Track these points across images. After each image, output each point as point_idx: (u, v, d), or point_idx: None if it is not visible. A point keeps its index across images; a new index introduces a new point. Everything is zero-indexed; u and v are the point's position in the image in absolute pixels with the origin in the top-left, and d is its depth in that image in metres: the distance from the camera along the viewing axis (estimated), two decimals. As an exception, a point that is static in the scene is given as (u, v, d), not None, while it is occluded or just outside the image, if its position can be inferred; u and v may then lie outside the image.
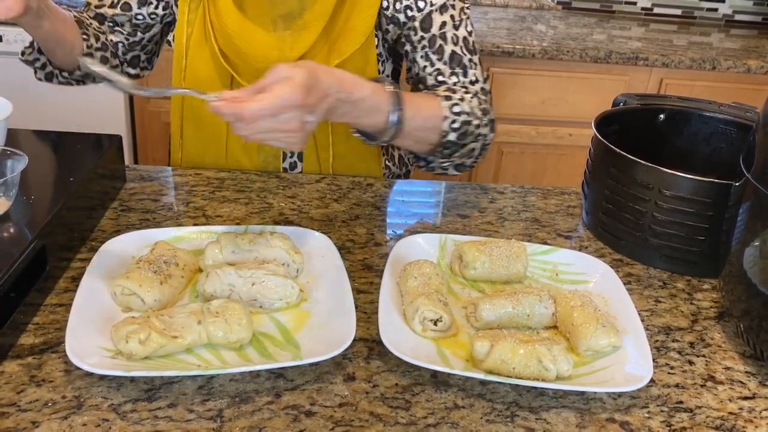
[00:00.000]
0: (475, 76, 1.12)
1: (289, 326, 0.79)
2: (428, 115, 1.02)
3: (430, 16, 1.09)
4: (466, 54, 1.11)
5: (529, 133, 2.38)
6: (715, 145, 1.13)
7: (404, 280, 0.85)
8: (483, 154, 1.12)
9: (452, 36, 1.10)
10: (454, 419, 0.69)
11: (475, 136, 1.07)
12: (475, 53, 1.12)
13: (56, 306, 0.80)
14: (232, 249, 0.87)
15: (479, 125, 1.06)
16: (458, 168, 1.12)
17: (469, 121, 1.04)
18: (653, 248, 0.98)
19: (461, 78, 1.11)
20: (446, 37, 1.10)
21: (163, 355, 0.72)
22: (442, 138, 1.03)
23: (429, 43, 1.10)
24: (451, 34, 1.10)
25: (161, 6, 1.16)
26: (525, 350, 0.73)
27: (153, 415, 0.66)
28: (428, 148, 1.06)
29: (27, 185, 0.89)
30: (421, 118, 1.00)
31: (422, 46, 1.10)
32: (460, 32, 1.10)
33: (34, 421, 0.65)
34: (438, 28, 1.09)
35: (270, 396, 0.70)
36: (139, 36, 1.20)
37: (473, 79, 1.11)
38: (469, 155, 1.09)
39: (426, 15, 1.09)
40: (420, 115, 1.00)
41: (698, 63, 2.30)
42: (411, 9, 1.09)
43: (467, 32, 1.12)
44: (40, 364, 0.71)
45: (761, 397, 0.76)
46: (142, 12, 1.16)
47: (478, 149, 1.10)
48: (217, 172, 1.17)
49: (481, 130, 1.07)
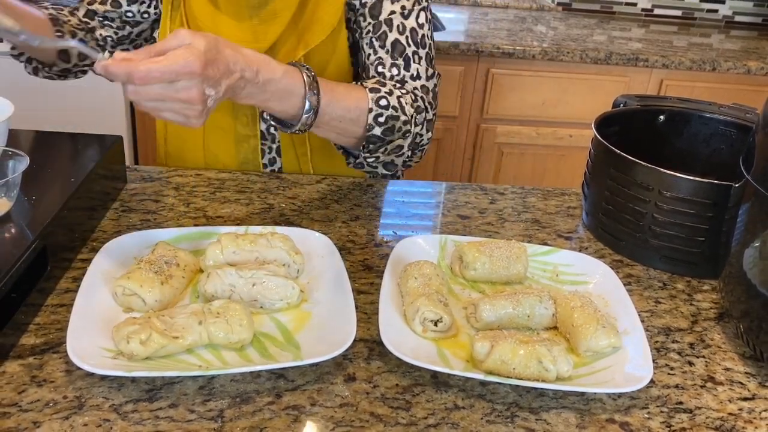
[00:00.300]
0: (418, 72, 1.09)
1: (290, 327, 0.79)
2: (350, 105, 0.99)
3: (380, 3, 1.08)
4: (410, 45, 1.08)
5: (530, 134, 2.38)
6: (715, 146, 1.13)
7: (404, 280, 0.86)
8: (417, 154, 1.10)
9: (399, 24, 1.07)
10: (454, 420, 0.69)
11: (403, 133, 1.04)
12: (423, 47, 1.09)
13: (57, 306, 0.80)
14: (233, 249, 0.87)
15: (407, 122, 1.04)
16: (387, 167, 1.10)
17: (396, 116, 1.02)
18: (653, 249, 0.98)
19: (402, 71, 1.08)
20: (392, 23, 1.07)
21: (164, 356, 0.72)
22: (367, 131, 1.01)
23: (373, 28, 1.08)
24: (398, 22, 1.07)
25: (153, 5, 1.19)
26: (525, 351, 0.73)
27: (154, 416, 0.67)
28: (353, 142, 1.04)
29: (28, 186, 0.89)
30: (341, 107, 0.98)
31: (367, 31, 1.09)
32: (408, 22, 1.08)
33: (35, 421, 0.65)
34: (386, 14, 1.07)
35: (271, 396, 0.70)
36: (128, 30, 1.21)
37: (414, 74, 1.08)
38: (398, 153, 1.07)
39: (376, 1, 1.07)
40: (340, 104, 0.97)
41: (698, 64, 2.30)
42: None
43: (417, 24, 1.08)
44: (42, 365, 0.71)
45: (761, 398, 0.76)
46: (131, 9, 1.18)
47: (407, 147, 1.07)
48: (217, 172, 1.17)
49: (410, 127, 1.04)
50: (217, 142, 1.20)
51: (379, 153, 1.06)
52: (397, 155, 1.06)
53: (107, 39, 1.21)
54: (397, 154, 1.06)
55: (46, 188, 0.91)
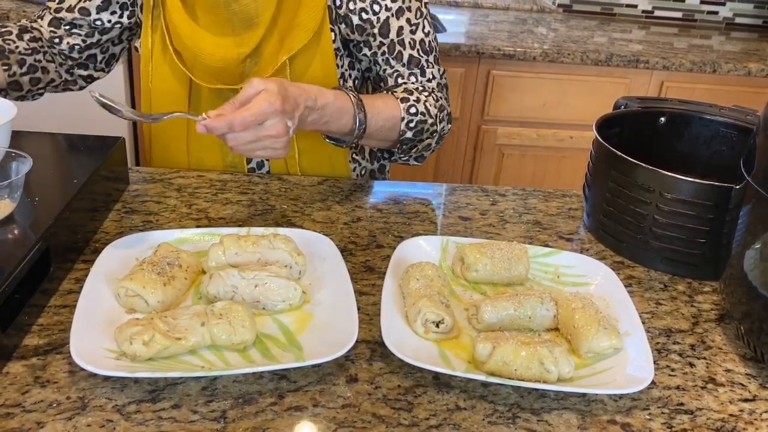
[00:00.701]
0: (432, 74, 1.19)
1: (292, 328, 0.79)
2: (387, 116, 1.10)
3: (387, 23, 1.14)
4: (423, 56, 1.17)
5: (530, 136, 2.39)
6: (715, 148, 1.13)
7: (406, 282, 0.86)
8: (440, 143, 1.22)
9: (410, 41, 1.16)
10: (456, 421, 0.69)
11: (431, 133, 1.16)
12: (431, 52, 1.19)
13: (60, 307, 0.81)
14: (235, 251, 0.87)
15: (434, 123, 1.15)
16: (418, 159, 1.21)
17: (425, 120, 1.13)
18: (654, 251, 0.98)
19: (419, 78, 1.18)
20: (404, 42, 1.16)
21: (166, 357, 0.72)
22: (400, 136, 1.12)
23: (388, 49, 1.16)
24: (408, 39, 1.16)
25: (126, 15, 1.19)
26: (527, 352, 0.73)
27: (157, 416, 0.67)
28: (389, 145, 1.16)
29: (31, 187, 0.89)
30: (382, 118, 1.09)
31: (382, 52, 1.16)
32: (417, 36, 1.16)
33: (38, 422, 0.65)
34: (396, 34, 1.15)
35: (273, 397, 0.70)
36: (96, 37, 1.22)
37: (430, 77, 1.18)
38: (427, 149, 1.19)
39: (384, 22, 1.13)
40: (380, 116, 1.09)
41: (699, 66, 2.31)
42: (366, 12, 1.12)
43: (424, 34, 1.17)
44: (45, 365, 0.72)
45: (762, 399, 0.76)
46: (101, 17, 1.18)
47: (434, 143, 1.19)
48: (219, 174, 1.17)
49: (436, 127, 1.16)
50: (201, 148, 1.20)
51: (412, 152, 1.18)
52: (426, 150, 1.19)
53: (74, 47, 1.21)
54: (426, 149, 1.19)
55: (49, 189, 0.91)
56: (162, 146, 1.23)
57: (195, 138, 1.20)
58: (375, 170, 1.34)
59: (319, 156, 1.22)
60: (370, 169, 1.33)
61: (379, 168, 1.35)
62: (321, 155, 1.22)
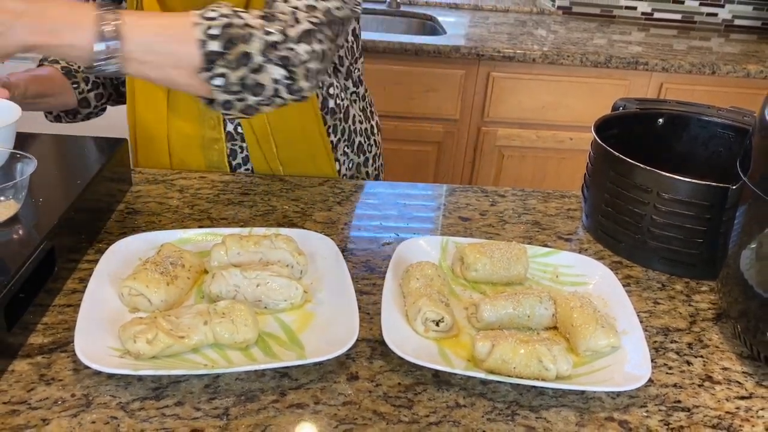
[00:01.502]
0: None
1: (294, 326, 0.80)
2: (166, 24, 0.85)
3: None
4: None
5: (530, 137, 2.40)
6: (713, 149, 1.14)
7: (406, 281, 0.87)
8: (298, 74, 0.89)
9: None
10: (455, 418, 0.70)
11: (244, 37, 0.85)
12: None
13: (64, 306, 0.82)
14: (237, 251, 0.88)
15: (248, 25, 0.85)
16: (247, 110, 0.90)
17: (230, 23, 0.84)
18: (652, 250, 0.99)
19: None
20: None
21: (170, 355, 0.73)
22: (202, 49, 0.83)
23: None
24: None
25: None
26: (525, 350, 0.74)
27: (160, 413, 0.68)
28: (187, 75, 0.86)
29: (36, 188, 0.90)
30: (152, 32, 0.84)
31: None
32: None
33: (44, 419, 0.66)
34: None
35: (275, 395, 0.71)
36: None
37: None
38: (250, 66, 0.85)
39: None
40: (149, 29, 0.84)
41: (698, 68, 2.32)
42: None
43: None
44: (50, 363, 0.73)
45: (758, 396, 0.77)
46: None
47: (258, 55, 0.85)
48: (221, 175, 1.18)
49: (255, 31, 0.85)
50: (182, 148, 1.21)
51: (227, 71, 0.85)
52: (253, 70, 0.86)
53: None
54: (250, 68, 0.86)
55: (54, 190, 0.92)
56: (145, 147, 1.23)
57: (175, 138, 1.20)
58: (361, 163, 1.32)
59: (297, 151, 1.20)
60: (357, 162, 1.31)
61: (365, 161, 1.32)
62: (299, 150, 1.20)
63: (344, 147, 1.27)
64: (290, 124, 1.16)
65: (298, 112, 1.16)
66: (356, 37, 1.26)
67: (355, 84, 1.30)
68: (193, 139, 1.20)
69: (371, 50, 2.21)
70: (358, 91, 1.31)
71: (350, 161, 1.29)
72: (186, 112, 1.17)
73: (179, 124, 1.18)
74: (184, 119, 1.18)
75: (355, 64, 1.28)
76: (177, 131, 1.19)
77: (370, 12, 2.78)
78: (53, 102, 1.22)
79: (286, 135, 1.19)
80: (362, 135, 1.32)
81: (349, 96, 1.28)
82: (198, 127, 1.19)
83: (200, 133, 1.19)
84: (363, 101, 1.33)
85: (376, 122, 1.38)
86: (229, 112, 0.90)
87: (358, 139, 1.30)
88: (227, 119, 1.17)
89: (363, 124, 1.32)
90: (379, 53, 2.22)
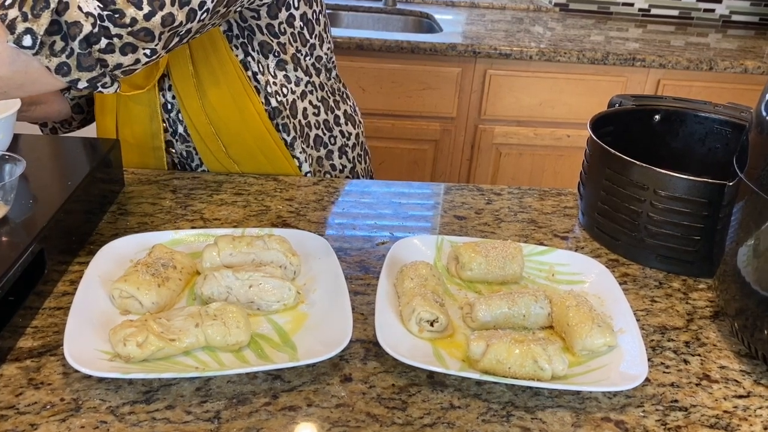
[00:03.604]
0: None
1: (287, 328, 0.79)
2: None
3: None
4: None
5: (527, 135, 2.39)
6: (710, 145, 1.13)
7: (401, 281, 0.86)
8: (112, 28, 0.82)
9: None
10: (450, 419, 0.69)
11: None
12: None
13: (54, 309, 0.81)
14: (230, 252, 0.87)
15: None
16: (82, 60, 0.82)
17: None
18: (649, 248, 0.98)
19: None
20: None
21: (161, 358, 0.72)
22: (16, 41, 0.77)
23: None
24: None
25: None
26: (520, 350, 0.73)
27: (151, 417, 0.67)
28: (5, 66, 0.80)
29: (26, 189, 0.89)
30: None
31: None
32: None
33: (32, 424, 0.65)
34: None
35: (267, 397, 0.70)
36: None
37: None
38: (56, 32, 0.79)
39: None
40: None
41: (695, 64, 2.31)
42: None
43: None
44: (39, 367, 0.72)
45: (756, 395, 0.76)
46: None
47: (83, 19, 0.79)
48: (215, 175, 1.17)
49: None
50: (134, 154, 1.20)
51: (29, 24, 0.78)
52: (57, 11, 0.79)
53: None
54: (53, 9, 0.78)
55: (44, 192, 0.91)
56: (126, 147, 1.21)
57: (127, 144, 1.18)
58: (323, 157, 1.25)
59: (247, 149, 1.17)
60: (316, 156, 1.24)
61: (327, 154, 1.26)
62: (249, 149, 1.17)
63: (300, 143, 1.21)
64: (233, 126, 1.13)
65: (239, 112, 1.13)
66: (307, 21, 1.15)
67: (307, 73, 1.19)
68: (138, 147, 1.20)
69: (367, 48, 2.20)
70: (313, 80, 1.21)
71: (308, 156, 1.23)
72: (129, 119, 1.18)
73: (126, 131, 1.19)
74: (131, 125, 1.18)
75: (305, 52, 1.18)
76: (127, 136, 1.19)
77: (366, 10, 2.77)
78: (47, 110, 1.21)
79: (232, 136, 1.15)
80: (320, 128, 1.24)
81: (303, 87, 1.19)
82: (141, 135, 1.19)
83: (143, 141, 1.19)
84: (320, 91, 1.23)
85: (344, 111, 1.29)
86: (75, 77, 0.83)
87: (314, 132, 1.23)
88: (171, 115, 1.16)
89: (320, 116, 1.23)
90: (375, 51, 2.21)
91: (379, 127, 2.32)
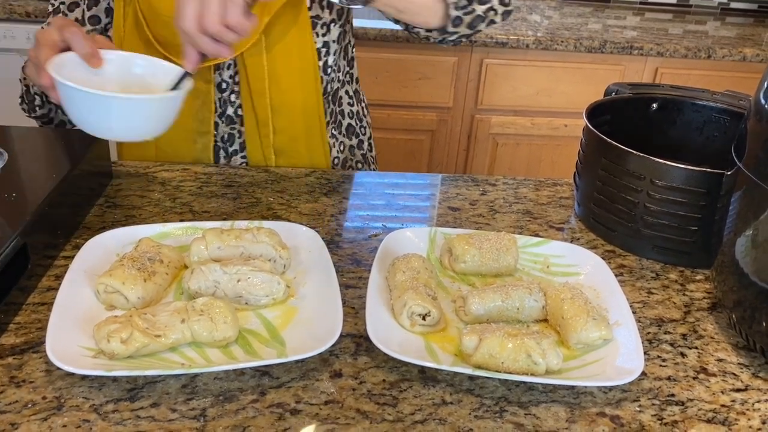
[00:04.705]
0: None
1: (276, 323, 0.78)
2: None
3: None
4: None
5: (525, 124, 2.37)
6: (708, 134, 1.11)
7: (393, 274, 0.84)
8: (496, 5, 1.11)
9: None
10: (441, 415, 0.68)
11: None
12: None
13: (38, 305, 0.79)
14: (218, 245, 0.85)
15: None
16: (473, 23, 1.11)
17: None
18: (646, 239, 0.96)
19: None
20: None
21: (146, 354, 0.71)
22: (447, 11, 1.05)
23: None
24: None
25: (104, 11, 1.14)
26: (513, 344, 0.71)
27: (135, 415, 0.65)
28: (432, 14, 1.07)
29: (9, 182, 0.87)
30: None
31: None
32: None
33: (13, 423, 0.63)
34: None
35: (255, 394, 0.69)
36: None
37: None
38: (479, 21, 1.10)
39: None
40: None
41: (693, 52, 2.28)
42: None
43: None
44: (21, 365, 0.70)
45: (754, 388, 0.75)
46: None
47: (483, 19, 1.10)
48: (204, 167, 1.15)
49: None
50: (169, 141, 1.16)
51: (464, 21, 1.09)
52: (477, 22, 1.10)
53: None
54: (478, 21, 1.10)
55: (28, 185, 0.89)
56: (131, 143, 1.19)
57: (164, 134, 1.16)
58: (354, 146, 1.29)
59: (293, 132, 1.17)
60: (349, 145, 1.28)
61: (358, 144, 1.30)
62: (295, 131, 1.17)
63: (332, 129, 1.24)
64: (292, 104, 1.14)
65: (302, 89, 1.15)
66: (349, 10, 1.22)
67: (350, 64, 1.27)
68: (180, 132, 1.16)
69: (362, 38, 2.17)
70: (352, 72, 1.28)
71: (341, 144, 1.26)
72: None
73: None
74: None
75: (353, 43, 1.26)
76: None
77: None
78: None
79: (286, 116, 1.15)
80: (353, 118, 1.29)
81: (343, 77, 1.25)
82: (186, 119, 1.15)
83: (188, 125, 1.16)
84: (356, 83, 1.31)
85: (365, 105, 1.36)
86: (457, 29, 1.10)
87: (347, 121, 1.27)
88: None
89: (354, 106, 1.29)
90: (370, 40, 2.19)
91: (375, 117, 2.28)
